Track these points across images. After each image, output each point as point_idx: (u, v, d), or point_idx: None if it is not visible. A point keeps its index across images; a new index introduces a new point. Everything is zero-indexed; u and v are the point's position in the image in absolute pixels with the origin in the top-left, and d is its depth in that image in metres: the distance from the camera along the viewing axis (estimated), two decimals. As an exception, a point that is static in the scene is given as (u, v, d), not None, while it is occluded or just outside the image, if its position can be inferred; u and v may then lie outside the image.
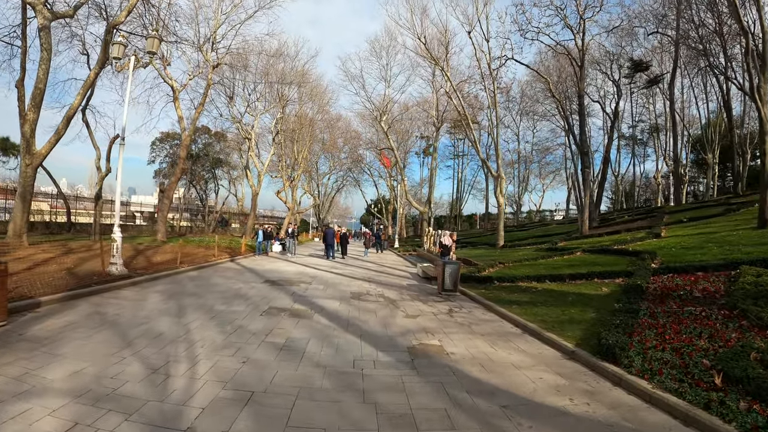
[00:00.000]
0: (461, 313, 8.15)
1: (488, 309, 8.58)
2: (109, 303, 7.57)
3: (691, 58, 34.84)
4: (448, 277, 10.05)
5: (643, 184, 59.16)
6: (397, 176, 45.35)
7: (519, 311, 7.95)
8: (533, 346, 6.11)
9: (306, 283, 11.11)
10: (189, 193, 54.18)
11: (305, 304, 8.27)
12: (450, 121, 41.37)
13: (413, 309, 8.29)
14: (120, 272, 10.43)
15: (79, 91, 16.03)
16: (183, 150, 25.06)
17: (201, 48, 24.54)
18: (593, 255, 14.63)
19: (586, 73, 27.81)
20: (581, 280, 10.56)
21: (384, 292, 10.23)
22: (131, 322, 6.24)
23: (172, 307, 7.43)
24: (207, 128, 46.42)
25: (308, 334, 5.94)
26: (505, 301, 8.93)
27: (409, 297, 9.74)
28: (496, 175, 23.54)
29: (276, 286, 10.46)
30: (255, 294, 9.09)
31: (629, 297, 7.80)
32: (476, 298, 9.54)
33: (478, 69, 23.79)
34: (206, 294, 8.84)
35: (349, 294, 9.72)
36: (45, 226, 27.32)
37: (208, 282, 10.70)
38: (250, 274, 12.82)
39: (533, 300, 8.91)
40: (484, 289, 10.43)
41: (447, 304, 8.99)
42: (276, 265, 15.48)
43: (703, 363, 4.89)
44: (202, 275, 12.10)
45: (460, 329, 6.77)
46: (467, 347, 5.76)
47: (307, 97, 37.42)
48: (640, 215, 26.84)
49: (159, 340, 5.39)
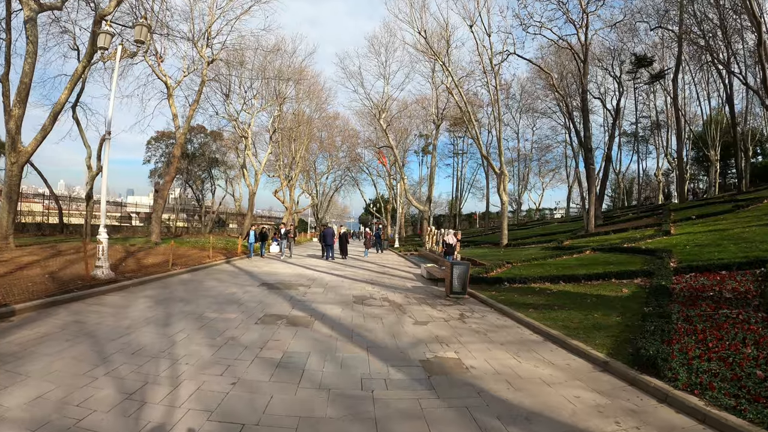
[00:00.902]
0: (474, 318, 7.52)
1: (502, 313, 7.96)
2: (90, 311, 6.92)
3: (693, 54, 34.44)
4: (456, 279, 9.42)
5: (642, 182, 58.81)
6: (396, 175, 44.76)
7: (536, 316, 7.34)
8: (560, 356, 5.49)
9: (305, 287, 10.46)
10: (185, 194, 53.42)
11: (304, 310, 7.62)
12: (449, 118, 40.75)
13: (422, 314, 7.66)
14: (106, 276, 9.78)
15: (66, 85, 15.34)
16: (177, 148, 24.35)
17: (196, 44, 23.86)
18: (604, 254, 14.05)
19: (588, 69, 27.23)
20: (597, 280, 9.96)
21: (388, 296, 9.59)
22: (111, 333, 5.59)
23: (158, 314, 6.78)
24: (203, 127, 45.65)
25: (308, 347, 5.29)
26: (520, 305, 8.32)
27: (416, 300, 9.10)
28: (499, 171, 22.93)
29: (273, 290, 9.81)
30: (250, 299, 8.43)
31: (657, 299, 7.20)
32: (487, 301, 8.92)
33: (480, 64, 23.21)
34: (197, 299, 8.19)
35: (352, 298, 9.08)
36: (37, 227, 26.60)
37: (200, 286, 10.04)
38: (246, 276, 12.16)
39: (549, 303, 8.30)
40: (494, 292, 9.81)
41: (457, 309, 8.36)
42: (273, 267, 14.82)
43: (758, 374, 4.31)
44: (195, 278, 11.44)
45: (476, 338, 6.14)
46: (487, 359, 5.13)
47: (305, 94, 36.76)
48: (645, 212, 26.30)
49: (139, 355, 4.75)
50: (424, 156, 53.07)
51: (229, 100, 31.59)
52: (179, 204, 51.07)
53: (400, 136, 45.04)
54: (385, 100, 34.50)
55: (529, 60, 26.82)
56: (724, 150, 39.34)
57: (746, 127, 35.23)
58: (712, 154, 39.26)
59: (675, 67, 30.48)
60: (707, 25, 29.02)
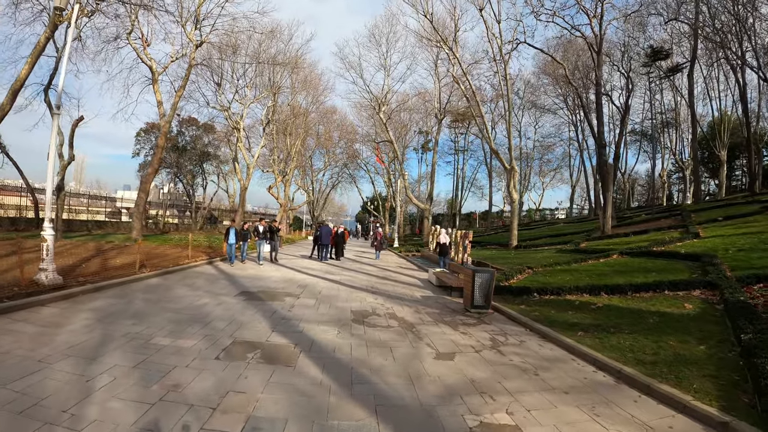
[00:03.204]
0: (511, 345, 5.79)
1: (544, 337, 6.23)
2: (8, 330, 5.18)
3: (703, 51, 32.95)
4: (478, 290, 7.69)
5: (645, 182, 57.38)
6: (395, 173, 42.96)
7: (592, 342, 5.65)
8: (652, 411, 3.82)
9: (293, 296, 8.66)
10: (176, 188, 51.31)
11: (288, 333, 5.83)
12: (452, 113, 38.98)
13: (443, 340, 5.89)
14: (50, 281, 7.98)
15: (27, 59, 13.49)
16: (162, 138, 22.53)
17: (184, 26, 22.04)
18: (635, 258, 12.37)
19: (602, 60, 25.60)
20: (647, 292, 8.25)
21: (395, 310, 7.83)
22: (14, 370, 3.86)
23: (92, 339, 5.01)
24: (195, 119, 43.62)
25: (286, 407, 3.50)
26: (562, 324, 6.61)
27: (430, 318, 7.34)
28: (509, 167, 21.23)
29: (253, 300, 8.00)
30: (221, 315, 6.63)
31: (747, 321, 5.52)
32: (519, 318, 7.20)
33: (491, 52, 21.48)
34: (154, 315, 6.41)
35: (350, 314, 7.30)
36: (11, 222, 24.68)
37: (165, 294, 8.25)
38: (225, 281, 10.36)
39: (600, 322, 6.59)
40: (523, 305, 8.09)
41: (484, 329, 6.63)
42: (259, 271, 13.01)
43: None
44: (164, 284, 9.64)
45: (526, 381, 4.40)
46: (558, 426, 3.40)
47: (301, 85, 34.84)
48: (661, 214, 24.70)
49: (25, 419, 2.99)
50: (423, 154, 51.22)
51: (221, 89, 29.73)
52: (168, 199, 49.02)
53: (400, 132, 43.20)
54: (386, 93, 32.70)
55: (540, 49, 25.15)
56: (729, 151, 38.04)
57: (758, 127, 33.89)
58: (723, 154, 37.85)
59: (690, 62, 28.97)
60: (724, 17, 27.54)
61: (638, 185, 56.65)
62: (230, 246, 13.58)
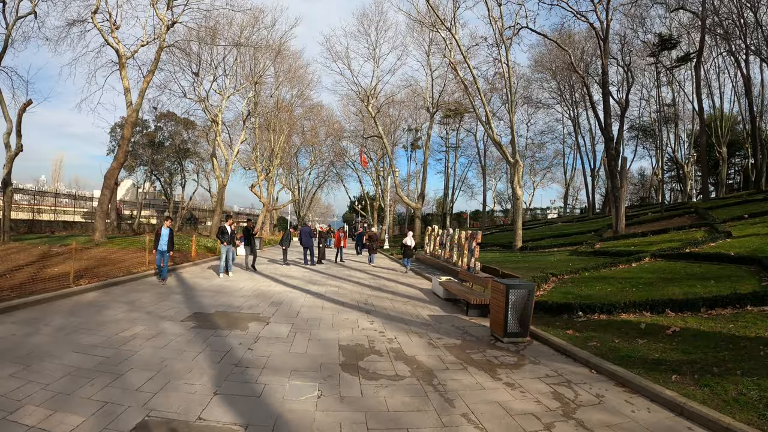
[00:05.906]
0: (587, 407, 3.74)
1: (623, 385, 4.21)
2: None
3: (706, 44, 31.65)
4: (512, 311, 5.67)
5: (638, 181, 56.34)
6: (383, 170, 40.90)
7: (701, 394, 3.68)
8: None
9: (260, 321, 6.46)
10: (153, 187, 48.38)
11: (238, 399, 3.62)
12: (444, 106, 37.07)
13: (486, 405, 3.74)
14: None
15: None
16: (127, 128, 20.12)
17: (155, 5, 19.74)
18: (676, 262, 10.48)
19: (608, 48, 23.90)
20: (724, 308, 6.32)
21: (401, 343, 5.69)
22: None
23: None
24: (173, 114, 40.78)
25: None
26: (639, 361, 4.64)
27: (453, 355, 5.19)
28: (513, 161, 19.36)
29: (203, 329, 5.79)
30: (147, 359, 4.44)
31: None
32: (572, 351, 5.17)
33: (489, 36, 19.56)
34: (52, 357, 4.23)
35: (338, 352, 5.10)
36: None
37: (90, 319, 6.04)
38: (179, 296, 8.14)
39: (692, 357, 4.63)
40: (570, 329, 6.08)
41: (534, 374, 4.56)
42: (228, 281, 10.81)
43: None
44: (100, 301, 7.42)
45: None
46: None
47: (285, 77, 32.49)
48: (673, 212, 23.09)
49: None
50: (413, 152, 49.02)
51: (199, 79, 27.24)
52: (145, 199, 46.12)
53: (389, 128, 41.12)
54: (375, 85, 30.68)
55: (543, 34, 23.31)
56: (728, 147, 37.04)
57: (761, 122, 32.78)
58: (724, 151, 36.75)
59: (698, 52, 27.45)
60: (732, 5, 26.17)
61: (630, 184, 55.62)
62: (161, 252, 9.67)
